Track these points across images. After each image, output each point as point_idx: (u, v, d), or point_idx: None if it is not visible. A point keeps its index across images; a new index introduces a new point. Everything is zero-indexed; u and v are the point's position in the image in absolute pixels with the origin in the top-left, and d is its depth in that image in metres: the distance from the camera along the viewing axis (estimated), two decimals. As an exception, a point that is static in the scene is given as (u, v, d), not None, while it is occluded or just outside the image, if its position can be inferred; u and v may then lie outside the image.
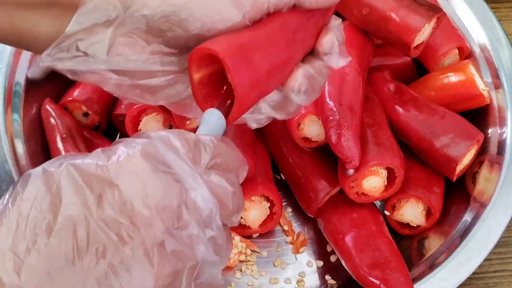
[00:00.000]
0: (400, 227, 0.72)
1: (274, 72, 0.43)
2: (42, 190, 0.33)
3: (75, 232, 0.32)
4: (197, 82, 0.42)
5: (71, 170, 0.34)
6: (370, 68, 0.75)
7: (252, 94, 0.42)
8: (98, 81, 0.45)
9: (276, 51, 0.43)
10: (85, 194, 0.33)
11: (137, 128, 0.71)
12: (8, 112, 0.70)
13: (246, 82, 0.41)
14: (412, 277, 0.63)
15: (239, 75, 0.40)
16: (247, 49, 0.41)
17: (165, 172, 0.35)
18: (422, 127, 0.71)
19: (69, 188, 0.33)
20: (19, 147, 0.68)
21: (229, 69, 0.39)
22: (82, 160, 0.35)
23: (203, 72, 0.42)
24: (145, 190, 0.34)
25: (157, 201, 0.34)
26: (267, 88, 0.44)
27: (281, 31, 0.44)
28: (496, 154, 0.70)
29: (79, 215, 0.32)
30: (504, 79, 0.74)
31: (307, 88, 0.45)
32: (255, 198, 0.70)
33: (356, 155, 0.64)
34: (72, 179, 0.33)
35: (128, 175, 0.34)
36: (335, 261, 0.72)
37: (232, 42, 0.41)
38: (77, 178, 0.33)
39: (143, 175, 0.34)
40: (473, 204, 0.68)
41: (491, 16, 0.77)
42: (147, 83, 0.44)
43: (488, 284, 0.71)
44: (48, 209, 0.32)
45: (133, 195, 0.34)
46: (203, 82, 0.42)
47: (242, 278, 0.70)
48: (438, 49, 0.76)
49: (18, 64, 0.72)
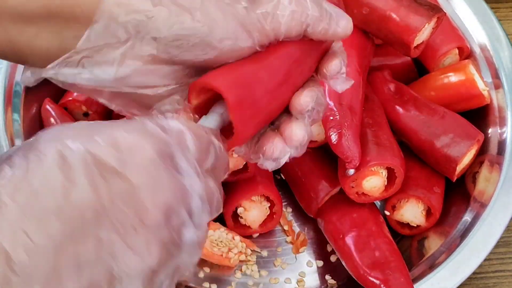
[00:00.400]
0: (400, 227, 0.72)
1: (274, 104, 0.44)
2: (55, 172, 0.33)
3: (82, 216, 0.33)
4: (194, 107, 0.43)
5: (86, 156, 0.34)
6: (370, 68, 0.75)
7: (250, 128, 0.43)
8: (92, 92, 0.45)
9: (278, 83, 0.43)
10: (96, 181, 0.34)
11: (137, 128, 0.71)
12: (8, 112, 0.70)
13: (246, 118, 0.41)
14: (412, 277, 0.63)
15: (240, 111, 0.41)
16: (248, 83, 0.42)
17: (173, 172, 0.36)
18: (422, 127, 0.71)
19: (82, 174, 0.34)
20: (19, 147, 0.68)
21: (231, 106, 0.40)
22: (97, 145, 0.35)
23: (202, 98, 0.43)
24: (153, 185, 0.35)
25: (163, 198, 0.35)
26: (266, 119, 0.44)
27: (284, 62, 0.44)
28: (496, 154, 0.71)
29: (89, 201, 0.33)
30: (504, 79, 0.74)
31: (313, 114, 0.46)
32: (255, 198, 0.70)
33: (356, 155, 0.64)
34: (85, 165, 0.34)
35: (139, 167, 0.35)
36: (335, 261, 0.72)
37: (233, 76, 0.41)
38: (91, 165, 0.34)
39: (153, 170, 0.35)
40: (473, 204, 0.69)
41: (491, 16, 0.77)
42: (144, 92, 0.44)
43: (488, 284, 0.71)
44: (60, 191, 0.33)
45: (142, 188, 0.35)
46: (200, 106, 0.43)
47: (242, 278, 0.70)
48: (438, 49, 0.76)
49: (18, 64, 0.72)
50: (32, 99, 0.73)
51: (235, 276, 0.70)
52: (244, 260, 0.71)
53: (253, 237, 0.73)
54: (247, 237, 0.72)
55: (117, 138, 0.36)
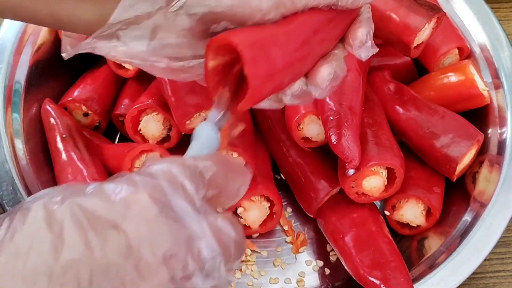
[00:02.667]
0: (400, 227, 0.72)
1: (290, 68, 0.44)
2: (43, 230, 0.31)
3: (77, 278, 0.30)
4: (211, 69, 0.42)
5: (75, 209, 0.32)
6: (370, 68, 0.75)
7: (265, 87, 0.42)
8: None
9: (294, 48, 0.44)
10: (88, 236, 0.31)
11: (137, 128, 0.71)
12: (8, 112, 0.70)
13: (261, 74, 0.41)
14: (412, 277, 0.63)
15: (255, 67, 0.41)
16: (265, 43, 0.42)
17: (173, 218, 0.34)
18: (422, 127, 0.71)
19: (72, 230, 0.31)
20: (19, 147, 0.68)
21: (246, 60, 0.40)
22: (86, 198, 0.33)
23: (219, 60, 0.43)
24: (153, 236, 0.32)
25: (164, 250, 0.33)
26: (281, 83, 0.44)
27: (305, 29, 0.44)
28: (496, 154, 0.71)
29: (82, 260, 0.31)
30: (504, 79, 0.74)
31: (329, 84, 0.46)
32: (255, 198, 0.70)
33: (356, 155, 0.64)
34: (75, 219, 0.31)
35: (136, 219, 0.33)
36: (335, 261, 0.72)
37: (251, 35, 0.42)
38: (81, 218, 0.32)
39: (151, 220, 0.33)
40: (473, 204, 0.69)
41: (491, 16, 0.77)
42: (180, 65, 0.44)
43: (488, 284, 0.71)
44: (49, 250, 0.30)
45: (140, 240, 0.32)
46: (217, 69, 0.43)
47: (242, 278, 0.70)
48: (438, 49, 0.76)
49: (18, 64, 0.72)
50: (32, 99, 0.73)
51: (235, 276, 0.70)
52: (244, 260, 0.71)
53: (253, 237, 0.73)
54: (247, 237, 0.72)
55: (107, 191, 0.33)
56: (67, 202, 0.32)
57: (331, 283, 0.70)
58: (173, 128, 0.72)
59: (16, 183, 0.65)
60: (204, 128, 0.42)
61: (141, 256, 0.32)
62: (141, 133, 0.72)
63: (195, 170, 0.36)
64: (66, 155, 0.69)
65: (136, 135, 0.72)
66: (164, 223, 0.33)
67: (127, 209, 0.33)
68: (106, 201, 0.33)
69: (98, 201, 0.33)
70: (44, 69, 0.75)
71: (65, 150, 0.70)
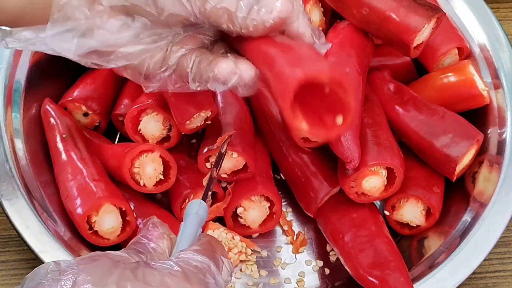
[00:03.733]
0: (400, 227, 0.72)
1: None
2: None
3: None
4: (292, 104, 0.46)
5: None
6: (370, 68, 0.75)
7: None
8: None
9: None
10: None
11: (137, 128, 0.71)
12: (8, 111, 0.70)
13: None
14: (412, 277, 0.63)
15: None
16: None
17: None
18: (422, 127, 0.71)
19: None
20: (19, 147, 0.68)
21: (347, 90, 0.46)
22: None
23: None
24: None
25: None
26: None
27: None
28: (496, 154, 0.71)
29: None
30: (504, 79, 0.74)
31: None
32: (255, 198, 0.70)
33: (356, 155, 0.64)
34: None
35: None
36: (335, 261, 0.72)
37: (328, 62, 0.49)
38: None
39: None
40: (473, 204, 0.69)
41: (491, 16, 0.77)
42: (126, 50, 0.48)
43: (488, 284, 0.71)
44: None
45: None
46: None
47: (242, 278, 0.70)
48: (438, 49, 0.76)
49: (18, 64, 0.72)
50: (32, 99, 0.73)
51: (235, 276, 0.70)
52: (244, 260, 0.71)
53: (252, 237, 0.73)
54: (247, 237, 0.72)
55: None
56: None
57: (331, 283, 0.71)
58: (173, 128, 0.72)
59: (16, 183, 0.65)
60: (201, 205, 0.46)
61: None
62: (141, 133, 0.72)
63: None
64: (66, 155, 0.69)
65: (136, 135, 0.72)
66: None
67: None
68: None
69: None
70: (44, 69, 0.75)
71: (65, 150, 0.69)
